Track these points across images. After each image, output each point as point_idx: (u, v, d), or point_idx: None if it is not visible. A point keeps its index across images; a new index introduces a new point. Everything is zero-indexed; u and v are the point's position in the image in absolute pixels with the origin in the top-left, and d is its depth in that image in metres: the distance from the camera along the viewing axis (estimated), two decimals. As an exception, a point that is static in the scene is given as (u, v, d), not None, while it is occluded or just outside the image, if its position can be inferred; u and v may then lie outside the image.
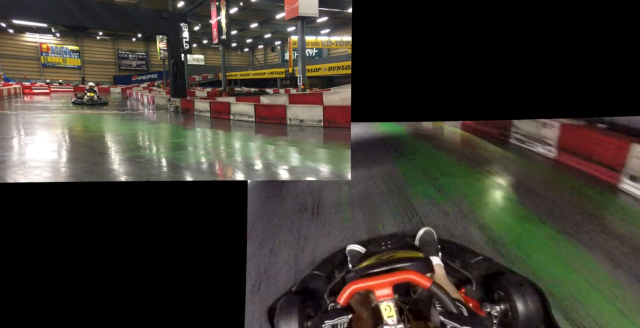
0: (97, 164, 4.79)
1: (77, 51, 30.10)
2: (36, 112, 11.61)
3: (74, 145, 6.17)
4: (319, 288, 2.18)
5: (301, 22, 15.20)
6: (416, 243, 2.30)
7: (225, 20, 19.42)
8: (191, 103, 11.74)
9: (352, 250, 2.33)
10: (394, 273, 1.71)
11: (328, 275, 2.29)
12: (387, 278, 1.69)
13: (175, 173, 4.48)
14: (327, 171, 4.48)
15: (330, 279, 2.24)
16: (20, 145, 6.01)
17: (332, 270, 2.32)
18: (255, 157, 5.43)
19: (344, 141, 6.27)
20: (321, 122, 8.10)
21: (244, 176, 4.40)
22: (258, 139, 7.13)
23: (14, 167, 4.50)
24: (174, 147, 6.32)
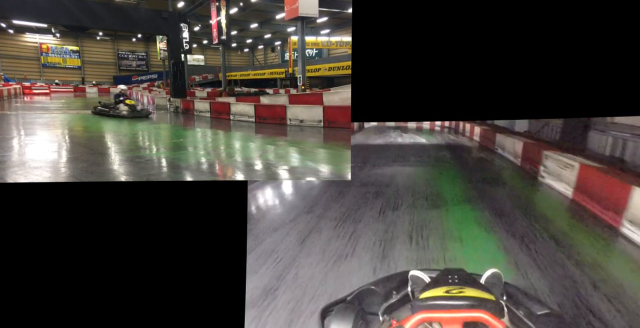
0: (97, 164, 4.79)
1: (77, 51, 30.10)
2: (36, 112, 11.61)
3: (74, 145, 6.17)
4: (374, 303, 2.17)
5: (301, 22, 15.21)
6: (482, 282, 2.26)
7: (225, 20, 19.44)
8: (191, 103, 11.74)
9: (415, 275, 2.30)
10: (466, 310, 1.68)
11: (386, 293, 2.27)
12: (459, 313, 1.66)
13: (175, 173, 4.48)
14: (327, 171, 4.48)
15: (387, 298, 2.23)
16: (20, 146, 6.01)
17: (390, 289, 2.30)
18: (255, 157, 5.43)
19: (344, 141, 6.27)
20: (321, 122, 8.10)
21: (243, 176, 4.40)
22: (258, 139, 7.13)
23: (14, 167, 4.50)
24: (174, 147, 6.32)
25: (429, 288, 2.03)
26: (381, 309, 2.11)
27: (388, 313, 2.10)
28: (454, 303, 1.78)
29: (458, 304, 1.77)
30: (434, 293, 1.91)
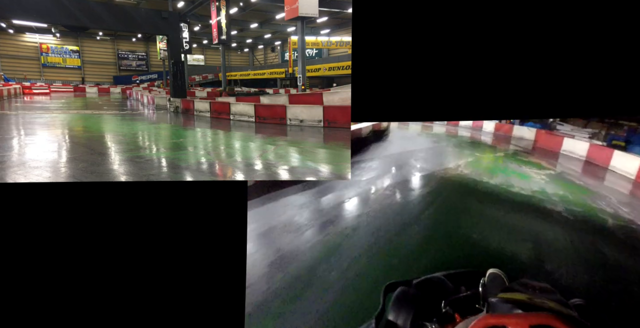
0: (97, 164, 4.79)
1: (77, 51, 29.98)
2: (36, 112, 11.61)
3: (74, 145, 6.18)
4: (441, 294, 2.15)
5: (301, 22, 15.22)
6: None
7: (225, 20, 19.46)
8: (191, 103, 11.73)
9: (493, 273, 2.26)
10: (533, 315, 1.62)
11: (455, 286, 2.25)
12: (525, 317, 1.60)
13: (175, 173, 4.48)
14: (327, 171, 4.48)
15: (456, 291, 2.19)
16: (20, 145, 6.02)
17: (461, 283, 2.28)
18: (255, 157, 5.43)
19: (344, 141, 6.27)
20: (321, 122, 8.10)
21: (243, 176, 4.40)
22: (258, 139, 7.13)
23: (14, 167, 4.51)
24: (174, 147, 6.33)
25: (508, 291, 1.98)
26: (446, 301, 2.08)
27: (453, 307, 2.07)
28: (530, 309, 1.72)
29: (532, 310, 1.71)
30: (515, 297, 1.85)
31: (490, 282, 2.20)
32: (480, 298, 2.10)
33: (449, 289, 2.19)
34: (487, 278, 2.22)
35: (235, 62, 32.87)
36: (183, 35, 18.53)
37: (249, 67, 31.12)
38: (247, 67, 31.65)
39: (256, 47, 32.17)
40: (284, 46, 28.94)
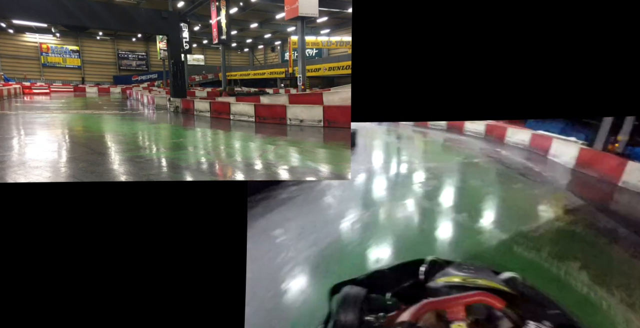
0: (97, 164, 4.79)
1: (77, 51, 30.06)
2: (36, 112, 11.61)
3: (74, 145, 6.18)
4: (385, 286, 2.19)
5: (301, 22, 15.22)
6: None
7: (225, 20, 19.45)
8: (191, 103, 11.73)
9: (433, 260, 2.31)
10: (468, 294, 1.72)
11: (398, 277, 2.29)
12: (461, 298, 1.69)
13: (176, 173, 4.48)
14: (327, 171, 4.48)
15: (399, 282, 2.25)
16: (20, 145, 6.02)
17: (403, 274, 2.32)
18: (255, 157, 5.43)
19: (344, 141, 6.27)
20: (321, 122, 8.11)
21: (243, 176, 4.40)
22: (258, 139, 7.13)
23: (14, 167, 4.50)
24: (174, 147, 6.32)
25: (446, 275, 2.05)
26: (391, 292, 2.14)
27: (398, 297, 2.13)
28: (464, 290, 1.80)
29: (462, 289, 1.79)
30: (450, 279, 1.95)
31: (429, 269, 2.25)
32: (422, 285, 2.18)
33: (393, 281, 2.22)
34: (427, 265, 2.26)
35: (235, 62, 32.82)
36: (183, 35, 18.53)
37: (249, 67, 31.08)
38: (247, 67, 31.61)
39: (256, 47, 32.14)
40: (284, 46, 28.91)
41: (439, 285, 1.97)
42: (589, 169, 4.50)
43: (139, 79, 29.64)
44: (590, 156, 4.51)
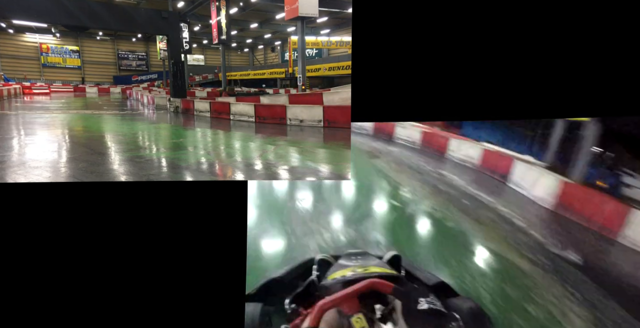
0: (97, 164, 4.80)
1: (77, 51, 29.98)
2: (36, 112, 11.62)
3: (74, 145, 6.18)
4: (281, 295, 2.14)
5: (301, 22, 15.23)
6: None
7: (225, 20, 19.46)
8: (191, 103, 11.73)
9: (322, 259, 2.28)
10: (357, 285, 1.73)
11: (291, 281, 2.24)
12: (350, 290, 1.70)
13: (176, 173, 4.48)
14: (327, 171, 4.48)
15: (294, 287, 2.19)
16: (20, 145, 6.02)
17: (296, 277, 2.28)
18: (255, 157, 5.43)
19: (344, 141, 6.27)
20: (321, 122, 8.11)
21: (243, 176, 4.40)
22: (258, 139, 7.13)
23: (14, 167, 4.51)
24: (174, 147, 6.33)
25: (335, 270, 2.05)
26: (288, 300, 2.07)
27: (297, 303, 2.05)
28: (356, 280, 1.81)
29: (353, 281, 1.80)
30: (341, 274, 1.94)
31: (320, 268, 2.23)
32: (316, 285, 2.14)
33: (289, 287, 2.18)
34: (316, 265, 2.24)
35: (235, 62, 32.88)
36: (183, 35, 18.53)
37: (249, 67, 31.14)
38: (247, 67, 31.67)
39: (256, 47, 32.19)
40: (284, 46, 28.95)
41: (332, 281, 1.95)
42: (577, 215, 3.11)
43: (139, 79, 29.66)
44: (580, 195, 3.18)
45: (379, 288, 1.70)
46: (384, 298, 1.80)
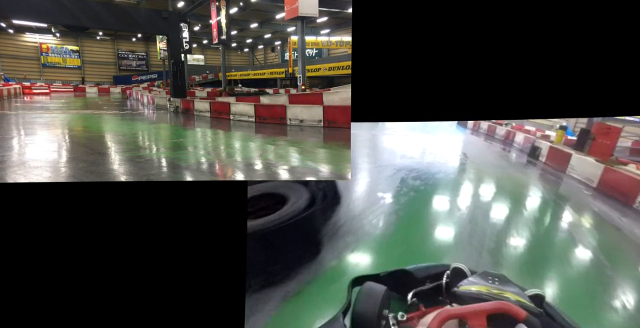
0: (97, 164, 4.79)
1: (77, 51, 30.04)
2: (36, 112, 11.61)
3: (74, 145, 6.17)
4: (407, 286, 2.21)
5: (301, 22, 15.21)
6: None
7: (225, 20, 19.44)
8: (191, 103, 11.73)
9: (457, 268, 2.32)
10: (489, 304, 1.73)
11: (421, 279, 2.30)
12: (482, 307, 1.70)
13: (176, 173, 4.48)
14: (327, 171, 4.48)
15: (421, 284, 2.27)
16: (20, 145, 6.02)
17: (426, 276, 2.33)
18: (255, 157, 5.43)
19: (344, 141, 6.27)
20: (321, 122, 8.11)
21: (243, 176, 4.40)
22: (258, 139, 7.13)
23: (14, 167, 4.50)
24: (174, 147, 6.32)
25: (470, 283, 2.07)
26: (411, 293, 2.16)
27: (418, 298, 2.15)
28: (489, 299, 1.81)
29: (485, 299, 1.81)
30: (476, 288, 1.95)
31: (453, 275, 2.28)
32: (444, 290, 2.20)
33: (416, 282, 2.24)
34: (450, 272, 2.29)
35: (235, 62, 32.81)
36: (183, 35, 18.52)
37: (249, 67, 31.08)
38: (247, 67, 31.60)
39: (256, 47, 32.13)
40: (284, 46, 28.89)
41: (461, 292, 1.98)
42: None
43: (139, 79, 29.61)
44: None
45: (511, 312, 1.69)
46: (513, 324, 1.77)
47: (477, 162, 5.26)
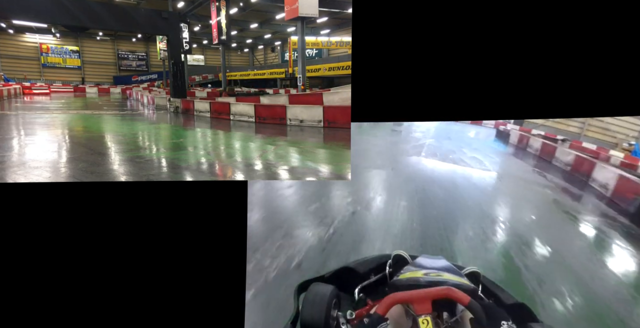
0: (97, 164, 4.79)
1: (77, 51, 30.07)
2: (36, 112, 11.61)
3: (74, 146, 6.17)
4: (352, 283, 2.21)
5: (301, 23, 15.21)
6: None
7: (225, 20, 19.45)
8: (191, 103, 11.73)
9: (398, 255, 2.33)
10: (434, 289, 1.75)
11: (364, 273, 2.30)
12: (427, 292, 1.73)
13: (176, 173, 4.48)
14: (327, 171, 4.48)
15: (365, 278, 2.27)
16: (20, 146, 6.02)
17: (369, 269, 2.34)
18: (255, 158, 5.43)
19: (344, 141, 6.27)
20: (321, 123, 8.11)
21: (244, 176, 4.40)
22: (258, 139, 7.13)
23: (14, 167, 4.50)
24: (174, 148, 6.32)
25: (409, 270, 2.08)
26: (357, 289, 2.16)
27: (365, 293, 2.15)
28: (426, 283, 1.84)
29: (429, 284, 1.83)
30: (413, 275, 1.98)
31: (395, 264, 2.28)
32: (388, 280, 2.21)
33: (360, 277, 2.24)
34: (392, 261, 2.29)
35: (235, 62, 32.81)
36: (183, 35, 18.52)
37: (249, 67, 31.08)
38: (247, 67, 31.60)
39: (256, 47, 32.13)
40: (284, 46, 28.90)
41: (404, 279, 1.99)
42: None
43: (139, 79, 29.61)
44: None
45: (455, 297, 1.71)
46: (454, 308, 1.81)
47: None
